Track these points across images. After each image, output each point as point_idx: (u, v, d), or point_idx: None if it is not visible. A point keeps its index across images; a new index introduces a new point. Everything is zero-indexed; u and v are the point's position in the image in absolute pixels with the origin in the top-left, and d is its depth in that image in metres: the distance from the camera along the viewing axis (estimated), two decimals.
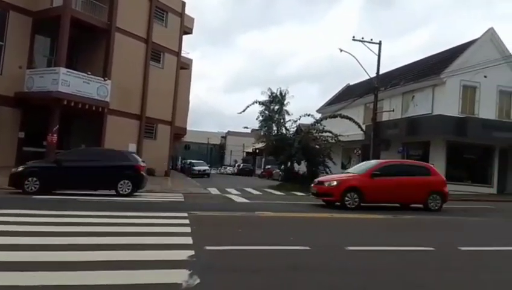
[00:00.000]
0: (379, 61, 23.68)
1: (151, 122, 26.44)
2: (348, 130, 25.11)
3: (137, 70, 25.17)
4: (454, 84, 21.90)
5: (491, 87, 22.39)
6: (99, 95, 21.82)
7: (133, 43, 24.60)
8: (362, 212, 11.57)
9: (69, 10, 20.93)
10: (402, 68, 29.28)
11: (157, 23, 26.57)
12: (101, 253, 5.05)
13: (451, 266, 5.50)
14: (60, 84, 19.92)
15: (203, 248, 5.55)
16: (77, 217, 7.90)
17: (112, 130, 23.35)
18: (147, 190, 15.17)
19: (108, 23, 23.02)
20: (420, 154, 23.60)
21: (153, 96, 25.80)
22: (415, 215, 11.55)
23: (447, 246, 6.84)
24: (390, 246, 6.54)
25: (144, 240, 5.98)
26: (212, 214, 9.75)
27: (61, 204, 9.97)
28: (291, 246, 6.11)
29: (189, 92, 34.55)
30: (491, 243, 7.50)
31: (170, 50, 27.68)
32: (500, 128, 21.30)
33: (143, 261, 4.75)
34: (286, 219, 9.86)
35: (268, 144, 26.96)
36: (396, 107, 25.30)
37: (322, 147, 23.25)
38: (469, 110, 22.19)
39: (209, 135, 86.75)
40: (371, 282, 4.57)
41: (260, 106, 33.18)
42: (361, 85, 31.66)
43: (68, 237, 5.89)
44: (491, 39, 22.67)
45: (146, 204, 11.41)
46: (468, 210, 14.23)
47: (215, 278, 4.38)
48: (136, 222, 7.58)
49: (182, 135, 35.83)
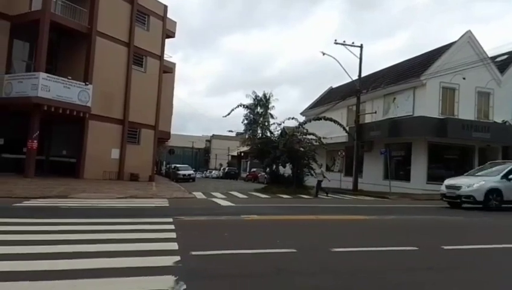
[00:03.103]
0: (361, 64, 24.02)
1: (134, 126, 26.18)
2: (331, 132, 25.35)
3: (120, 75, 24.91)
4: (434, 86, 22.35)
5: (470, 88, 22.92)
6: (80, 100, 21.52)
7: (114, 47, 24.35)
8: (348, 213, 11.66)
9: (48, 14, 20.62)
10: (383, 71, 29.73)
11: (139, 26, 26.37)
12: (84, 261, 4.96)
13: (435, 265, 5.60)
14: (39, 90, 19.59)
15: (189, 253, 5.51)
16: (59, 224, 7.74)
17: (94, 136, 23.06)
18: (131, 196, 15.00)
19: (88, 27, 22.75)
20: (402, 155, 24.00)
21: (135, 100, 25.56)
22: (397, 216, 11.70)
23: (430, 246, 6.95)
24: (375, 246, 6.61)
25: (129, 246, 5.90)
26: (197, 218, 9.69)
27: (43, 212, 9.76)
28: (277, 249, 6.11)
29: (173, 95, 34.35)
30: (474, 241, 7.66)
31: (152, 54, 27.49)
32: (479, 128, 21.80)
33: (128, 268, 4.68)
34: (272, 222, 9.87)
35: (253, 147, 27.03)
36: (378, 109, 25.67)
37: (306, 150, 23.39)
38: (449, 111, 22.66)
39: (194, 138, 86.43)
40: (355, 283, 4.61)
41: (245, 109, 33.06)
42: (343, 88, 32.02)
43: (50, 246, 5.76)
44: (468, 42, 23.22)
45: (130, 210, 11.25)
46: (448, 209, 14.50)
47: (201, 283, 4.35)
48: (120, 229, 7.47)
49: (166, 139, 35.56)
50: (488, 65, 23.30)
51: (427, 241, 7.48)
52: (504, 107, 23.55)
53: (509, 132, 22.66)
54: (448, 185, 15.05)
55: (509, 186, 13.96)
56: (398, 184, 22.40)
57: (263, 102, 59.09)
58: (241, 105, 26.31)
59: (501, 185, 13.92)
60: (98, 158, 23.10)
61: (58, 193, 14.37)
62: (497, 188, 13.87)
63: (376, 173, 24.85)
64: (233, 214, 10.68)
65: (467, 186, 14.12)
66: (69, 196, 13.72)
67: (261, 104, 59.01)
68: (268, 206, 13.90)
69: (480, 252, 6.71)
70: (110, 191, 16.38)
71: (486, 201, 13.71)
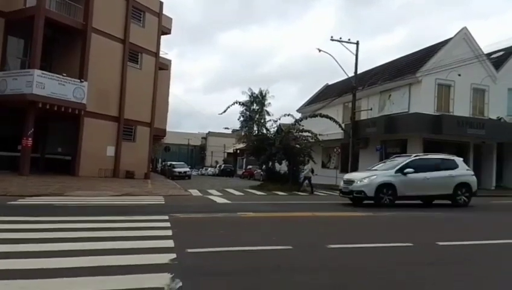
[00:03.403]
0: (357, 61, 24.04)
1: (129, 124, 26.08)
2: (327, 129, 25.38)
3: (115, 72, 24.78)
4: (430, 82, 22.42)
5: (465, 85, 23.01)
6: (75, 97, 21.40)
7: (109, 44, 24.21)
8: (345, 210, 11.71)
9: (43, 10, 20.46)
10: (379, 67, 29.78)
11: (135, 23, 26.23)
12: (80, 259, 4.95)
13: (431, 261, 5.62)
14: (34, 87, 19.45)
15: (185, 251, 5.51)
16: (54, 222, 7.71)
17: (89, 133, 22.96)
18: (126, 193, 14.97)
19: (84, 23, 22.59)
20: (398, 151, 24.06)
21: (131, 97, 25.45)
22: (393, 213, 11.75)
23: (425, 242, 6.98)
24: (371, 243, 6.63)
25: (124, 244, 5.88)
26: (193, 216, 9.68)
27: (38, 210, 9.72)
28: (273, 246, 6.12)
29: (169, 92, 34.20)
30: (468, 237, 7.70)
31: (148, 51, 27.35)
32: (474, 125, 21.90)
33: (124, 266, 4.67)
34: (268, 219, 9.88)
35: (249, 144, 27.03)
36: (374, 106, 25.72)
37: (302, 147, 23.44)
38: (444, 108, 22.75)
39: (190, 136, 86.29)
40: (351, 279, 4.63)
41: (241, 106, 33.23)
42: (339, 84, 32.06)
43: (46, 244, 5.74)
44: (464, 38, 23.30)
45: (125, 208, 11.22)
46: (443, 206, 14.57)
47: (197, 281, 4.35)
48: (115, 226, 7.46)
49: (162, 136, 35.46)
50: (483, 62, 23.40)
51: (422, 237, 7.51)
52: (499, 104, 23.68)
53: (504, 128, 22.79)
54: (345, 179, 14.08)
55: (404, 181, 12.98)
56: None
57: (259, 99, 59.05)
58: (237, 102, 26.33)
59: (395, 180, 12.93)
60: (94, 156, 23.01)
61: (53, 190, 14.32)
62: (390, 182, 12.89)
63: None
64: (229, 212, 10.69)
65: (359, 181, 13.19)
66: (64, 193, 13.67)
67: (257, 101, 58.99)
68: (264, 203, 13.91)
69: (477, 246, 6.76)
70: (105, 188, 16.33)
71: (377, 196, 12.75)
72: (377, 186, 12.76)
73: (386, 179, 12.96)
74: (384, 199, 12.77)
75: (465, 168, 14.31)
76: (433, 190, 13.43)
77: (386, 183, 12.88)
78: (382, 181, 12.89)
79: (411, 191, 13.16)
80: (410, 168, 13.16)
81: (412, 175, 13.06)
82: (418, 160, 13.71)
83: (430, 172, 13.37)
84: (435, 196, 13.87)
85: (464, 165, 14.36)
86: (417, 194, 13.54)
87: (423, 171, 13.28)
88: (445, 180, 13.50)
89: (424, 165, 13.54)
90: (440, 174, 13.52)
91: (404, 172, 13.07)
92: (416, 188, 13.19)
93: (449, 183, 13.50)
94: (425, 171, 13.29)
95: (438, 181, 13.37)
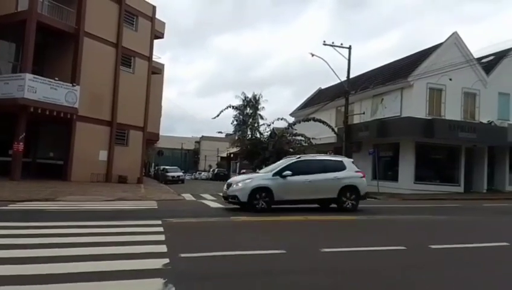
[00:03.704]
0: (349, 66, 24.18)
1: (122, 128, 25.96)
2: (321, 133, 25.47)
3: (107, 76, 24.68)
4: (421, 86, 22.61)
5: (456, 89, 23.24)
6: (67, 101, 21.28)
7: (102, 48, 24.12)
8: (338, 214, 11.73)
9: (34, 14, 20.35)
10: (371, 72, 29.98)
11: (127, 27, 26.17)
12: (72, 264, 4.91)
13: (422, 265, 5.66)
14: (26, 91, 19.32)
15: (178, 256, 5.49)
16: (46, 228, 7.64)
17: (81, 137, 22.80)
18: (119, 198, 14.88)
19: (76, 27, 22.50)
20: (390, 155, 24.23)
21: (124, 101, 25.35)
22: (385, 216, 11.81)
23: (417, 245, 7.03)
24: (364, 246, 6.66)
25: (117, 249, 5.85)
26: (186, 220, 9.65)
27: (29, 215, 9.63)
28: (267, 250, 6.12)
29: (162, 96, 34.16)
30: (461, 240, 7.76)
31: (141, 55, 27.30)
32: (466, 128, 22.10)
33: (116, 272, 4.65)
34: (261, 223, 9.87)
35: (242, 148, 26.99)
36: (367, 110, 25.88)
37: (296, 151, 23.46)
38: (436, 111, 22.94)
39: (183, 140, 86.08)
40: (344, 283, 4.64)
41: (234, 110, 33.20)
42: (332, 89, 32.20)
43: (38, 249, 5.69)
44: (455, 43, 23.55)
45: (118, 213, 11.16)
46: (436, 209, 14.67)
47: (190, 286, 4.34)
48: (108, 231, 7.41)
49: (155, 140, 35.34)
50: (474, 66, 23.65)
51: (414, 240, 7.55)
52: (490, 108, 23.93)
53: (495, 132, 23.02)
54: (227, 183, 12.99)
55: (283, 185, 11.91)
56: (386, 184, 22.61)
57: (252, 103, 59.08)
58: (230, 106, 26.33)
59: (271, 183, 11.85)
60: (86, 160, 22.85)
61: (45, 195, 14.19)
62: (266, 186, 11.78)
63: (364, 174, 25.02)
64: (222, 216, 10.68)
65: (235, 185, 12.19)
66: (56, 198, 13.55)
67: (250, 105, 59.02)
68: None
69: (465, 250, 6.82)
70: (98, 193, 16.22)
71: (251, 202, 11.61)
72: (251, 191, 11.66)
73: (261, 183, 11.91)
74: (259, 204, 11.66)
75: (353, 170, 13.09)
76: (315, 194, 12.31)
77: (261, 187, 11.79)
78: (257, 185, 11.83)
79: (290, 195, 12.09)
80: (290, 170, 12.15)
81: (291, 178, 12.04)
82: (301, 161, 12.78)
83: (314, 174, 12.29)
84: (318, 200, 12.75)
85: (352, 167, 13.18)
86: (297, 198, 12.34)
87: (306, 173, 12.24)
88: (329, 183, 12.38)
89: (308, 167, 12.54)
90: (323, 176, 12.40)
91: (283, 175, 12.04)
92: (296, 192, 12.12)
93: (333, 186, 12.40)
94: (308, 174, 12.24)
95: (321, 184, 12.27)
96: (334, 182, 12.42)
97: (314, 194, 12.31)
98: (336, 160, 13.37)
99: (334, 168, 12.73)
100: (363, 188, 12.90)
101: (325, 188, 12.31)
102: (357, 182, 12.74)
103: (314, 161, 13.11)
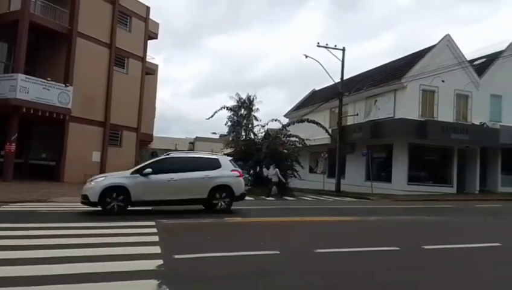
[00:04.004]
0: (343, 67, 24.30)
1: (116, 129, 25.83)
2: (315, 134, 25.53)
3: (101, 76, 24.56)
4: (414, 88, 22.74)
5: (449, 91, 23.40)
6: (60, 102, 21.14)
7: (95, 48, 24.01)
8: (334, 215, 11.76)
9: (27, 14, 20.21)
10: (365, 73, 30.11)
11: (121, 28, 26.07)
12: (65, 266, 4.88)
13: (416, 265, 5.69)
14: (18, 91, 19.17)
15: (172, 257, 5.48)
16: (39, 229, 7.58)
17: (74, 138, 22.66)
18: None
19: (69, 27, 22.38)
20: (384, 156, 24.34)
21: (117, 102, 25.23)
22: (379, 217, 11.86)
23: (411, 246, 7.07)
24: (358, 247, 6.68)
25: (111, 250, 5.82)
26: (180, 221, 9.62)
27: (22, 217, 9.54)
28: (261, 251, 6.12)
29: (155, 97, 34.05)
30: (453, 241, 7.81)
31: (135, 55, 27.21)
32: (458, 130, 22.26)
33: (110, 273, 4.62)
34: (256, 224, 9.88)
35: (236, 149, 26.94)
36: (360, 111, 25.98)
37: (290, 152, 23.52)
38: (428, 113, 23.07)
39: (177, 141, 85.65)
40: (340, 284, 4.65)
41: (228, 111, 33.23)
42: (326, 90, 32.29)
43: (30, 251, 5.65)
44: (447, 45, 23.71)
45: (112, 214, 11.09)
46: (429, 210, 14.77)
47: (184, 287, 4.33)
48: (101, 233, 7.37)
49: (149, 141, 35.18)
50: (466, 68, 23.83)
51: (407, 241, 7.60)
52: (482, 109, 24.11)
53: (487, 133, 23.21)
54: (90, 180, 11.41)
55: (142, 184, 10.73)
56: (379, 185, 22.70)
57: (247, 104, 59.05)
58: (224, 107, 26.31)
59: (128, 182, 10.63)
60: (79, 161, 22.69)
61: (37, 196, 14.07)
62: (121, 185, 10.57)
63: (358, 175, 25.12)
64: (217, 217, 10.65)
65: (88, 183, 10.97)
66: (48, 200, 13.45)
67: (244, 106, 58.97)
68: (251, 209, 13.87)
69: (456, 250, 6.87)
70: None
71: (103, 202, 10.36)
72: (103, 190, 10.39)
73: (115, 181, 10.68)
74: (112, 205, 10.42)
75: (229, 169, 11.96)
76: (180, 194, 11.16)
77: (115, 186, 10.56)
78: (110, 183, 10.56)
79: (151, 196, 10.92)
80: (154, 168, 11.03)
81: (154, 176, 10.89)
82: (167, 159, 11.81)
83: (181, 173, 11.19)
84: (185, 201, 11.51)
85: (229, 166, 12.07)
86: (160, 199, 11.16)
87: (173, 171, 11.14)
88: (198, 182, 11.31)
89: (175, 165, 11.51)
90: (192, 175, 11.29)
91: (144, 173, 10.88)
92: (158, 192, 10.96)
93: (203, 186, 11.35)
94: (175, 172, 11.14)
95: (188, 183, 11.19)
96: (204, 181, 11.37)
97: (180, 194, 11.17)
98: (211, 158, 12.25)
99: (207, 166, 11.65)
100: (239, 188, 11.84)
101: (192, 187, 11.25)
102: (231, 182, 11.69)
103: (184, 158, 12.27)
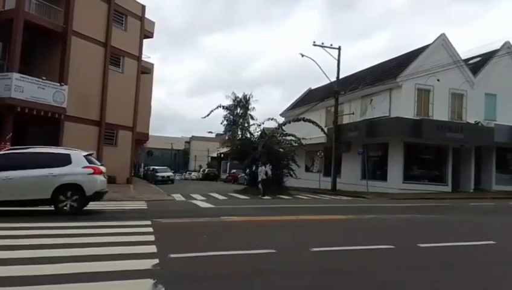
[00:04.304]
0: (339, 66, 24.36)
1: (111, 128, 25.75)
2: (311, 133, 25.59)
3: (96, 75, 24.47)
4: (410, 87, 22.84)
5: (444, 90, 23.52)
6: (55, 101, 21.02)
7: (90, 47, 23.91)
8: (329, 214, 11.79)
9: (22, 13, 20.07)
10: (361, 72, 30.20)
11: (116, 26, 25.97)
12: (62, 265, 4.87)
13: (412, 263, 5.73)
14: (13, 90, 19.03)
15: (168, 256, 5.48)
16: (35, 229, 7.56)
17: (69, 137, 22.51)
18: (108, 199, 14.74)
19: (64, 26, 22.25)
20: (379, 155, 24.44)
21: (113, 101, 25.15)
22: (374, 215, 11.91)
23: (406, 244, 7.11)
24: (353, 245, 6.71)
25: (107, 250, 5.82)
26: (176, 221, 9.62)
27: (16, 217, 9.50)
28: (257, 250, 6.13)
29: (151, 96, 33.96)
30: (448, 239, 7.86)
31: (130, 54, 27.12)
32: (453, 129, 22.38)
33: (106, 272, 4.62)
34: (252, 223, 9.89)
35: (233, 149, 27.00)
36: (356, 110, 26.06)
37: (286, 151, 23.56)
38: (424, 112, 23.18)
39: (173, 140, 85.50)
40: (335, 282, 4.68)
41: (224, 110, 33.23)
42: (322, 89, 32.36)
43: (26, 251, 5.63)
44: (442, 44, 23.83)
45: (107, 213, 11.08)
46: (424, 208, 14.85)
47: (180, 286, 4.34)
48: (97, 232, 7.36)
49: (144, 140, 35.12)
50: (461, 67, 23.96)
51: (403, 239, 7.64)
52: (477, 108, 24.26)
53: (482, 132, 23.34)
54: None
55: None
56: (375, 184, 22.80)
57: (243, 103, 59.11)
58: (220, 106, 26.31)
59: None
60: None
61: None
62: None
63: (354, 173, 25.21)
64: (212, 216, 10.67)
65: None
66: None
67: (240, 105, 59.04)
68: (248, 208, 13.92)
69: (459, 248, 6.91)
70: None
71: None
72: None
73: None
74: None
75: (81, 166, 10.53)
76: (19, 195, 9.94)
77: None
78: None
79: None
80: None
81: None
82: (7, 155, 10.58)
83: (20, 170, 10.00)
84: (25, 202, 10.25)
85: (81, 162, 10.62)
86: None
87: (12, 169, 9.95)
88: (39, 181, 10.04)
89: (15, 162, 10.19)
90: (32, 173, 10.06)
91: None
92: None
93: (45, 185, 10.06)
94: (14, 169, 9.95)
95: (27, 182, 9.97)
96: (46, 179, 10.09)
97: (19, 195, 9.95)
98: (59, 153, 10.80)
99: (53, 163, 10.34)
100: (91, 187, 10.48)
101: (32, 187, 10.02)
102: (81, 180, 10.37)
103: (26, 154, 10.61)
